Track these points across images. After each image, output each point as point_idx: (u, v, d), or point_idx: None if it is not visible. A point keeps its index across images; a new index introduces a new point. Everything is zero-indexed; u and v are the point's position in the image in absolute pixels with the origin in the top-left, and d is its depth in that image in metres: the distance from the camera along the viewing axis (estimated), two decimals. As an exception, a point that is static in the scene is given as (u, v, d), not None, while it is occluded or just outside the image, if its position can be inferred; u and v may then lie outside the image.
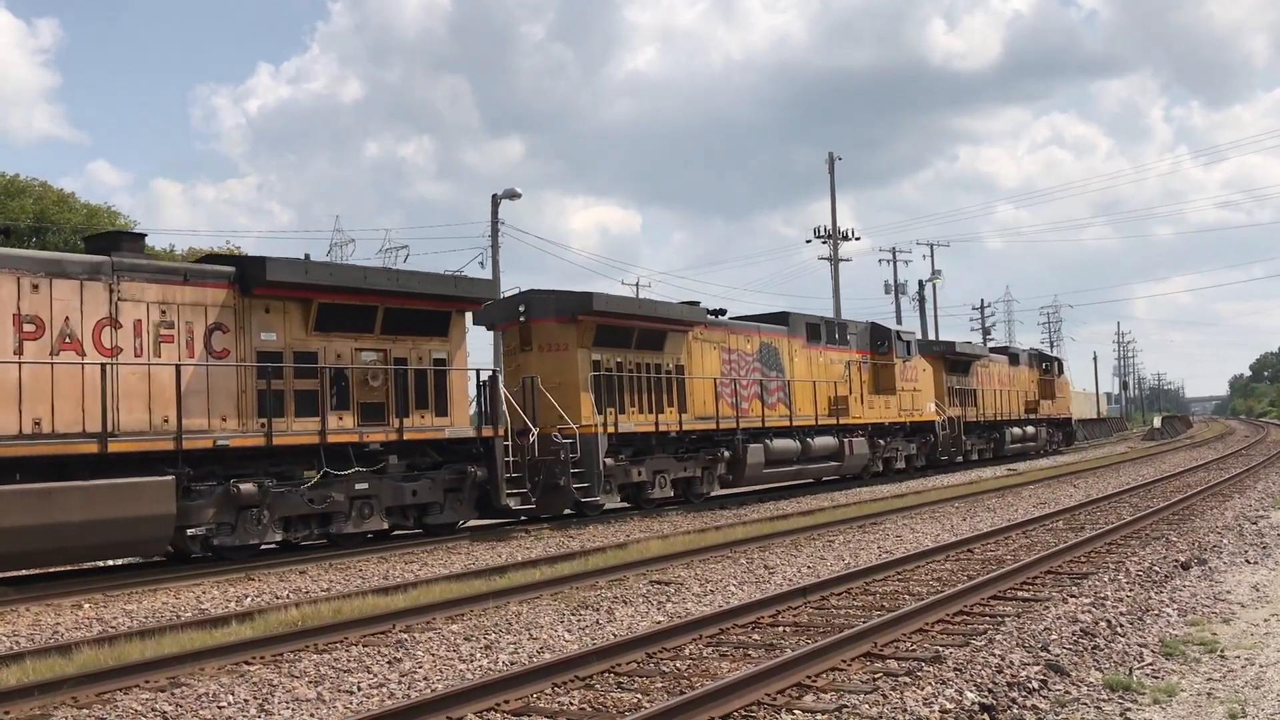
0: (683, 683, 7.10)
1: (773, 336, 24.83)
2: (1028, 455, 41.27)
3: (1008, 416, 39.32)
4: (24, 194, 40.43)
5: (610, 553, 14.06)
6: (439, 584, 11.72)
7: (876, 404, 28.27)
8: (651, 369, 20.92)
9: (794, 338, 25.59)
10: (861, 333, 28.81)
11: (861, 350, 28.38)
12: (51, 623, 10.52)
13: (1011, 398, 40.19)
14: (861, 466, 27.53)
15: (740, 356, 23.40)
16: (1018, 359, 42.69)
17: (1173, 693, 6.63)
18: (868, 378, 28.31)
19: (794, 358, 25.32)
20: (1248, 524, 15.19)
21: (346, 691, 7.26)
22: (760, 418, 23.41)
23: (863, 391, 27.56)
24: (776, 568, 12.61)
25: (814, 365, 26.07)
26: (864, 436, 27.11)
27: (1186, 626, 8.60)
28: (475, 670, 7.79)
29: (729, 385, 22.73)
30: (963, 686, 6.62)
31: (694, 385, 21.86)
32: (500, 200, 35.75)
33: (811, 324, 26.61)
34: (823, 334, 26.88)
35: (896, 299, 61.14)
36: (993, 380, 38.63)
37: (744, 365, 23.46)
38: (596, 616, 9.75)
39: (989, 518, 17.65)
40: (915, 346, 30.79)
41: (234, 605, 11.22)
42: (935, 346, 34.96)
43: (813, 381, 25.67)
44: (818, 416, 25.43)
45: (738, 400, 22.97)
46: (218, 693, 7.27)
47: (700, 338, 22.31)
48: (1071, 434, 50.49)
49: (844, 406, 26.36)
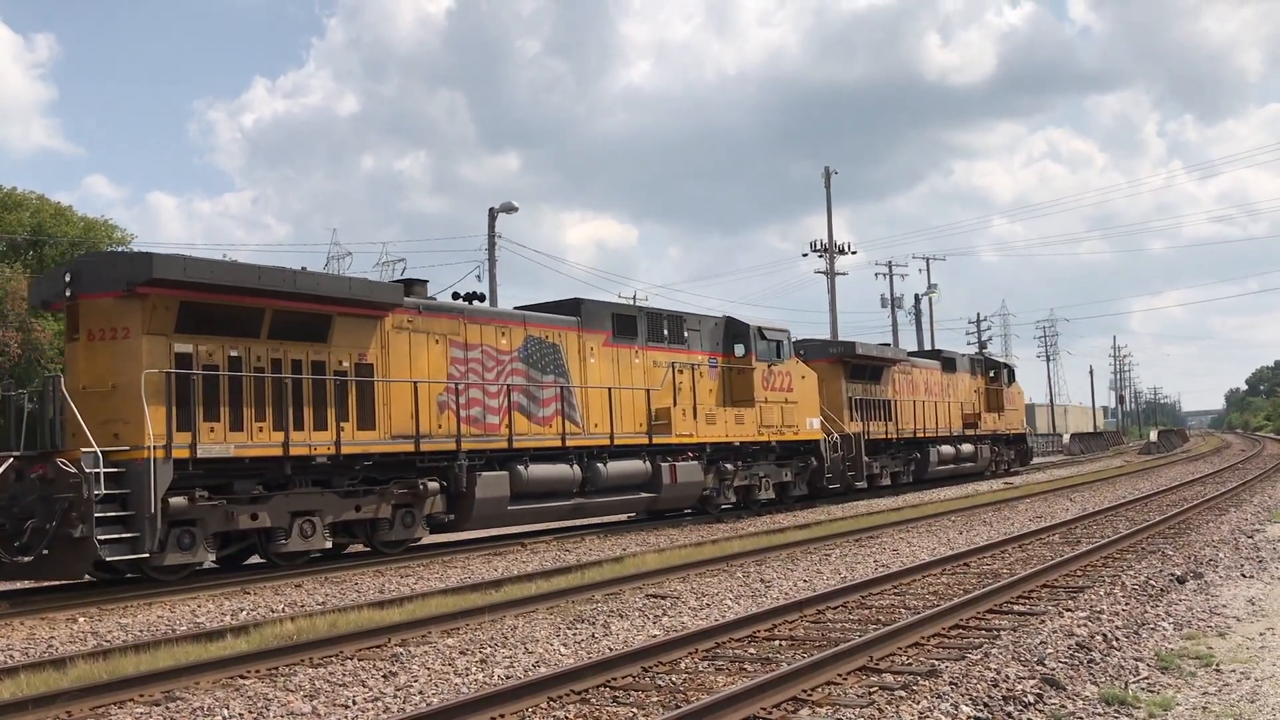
0: (679, 696, 7.10)
1: (549, 330, 19.26)
2: (965, 478, 34.96)
3: (937, 432, 32.86)
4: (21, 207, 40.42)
5: (606, 566, 14.06)
6: (435, 598, 11.71)
7: (724, 419, 22.31)
8: (305, 368, 15.14)
9: (589, 332, 20.05)
10: (711, 329, 23.18)
11: (709, 351, 22.88)
12: (46, 636, 10.49)
13: (944, 410, 33.65)
14: (693, 497, 21.73)
15: (488, 355, 17.99)
16: (953, 365, 36.08)
17: (1169, 707, 6.63)
18: (714, 385, 22.72)
19: (588, 358, 19.86)
20: (1244, 538, 15.20)
21: (341, 706, 7.25)
22: (508, 437, 17.76)
23: (696, 403, 21.61)
24: (773, 581, 12.60)
25: (623, 369, 20.54)
26: (697, 459, 21.40)
27: (1182, 640, 8.60)
28: (471, 684, 7.77)
29: (455, 392, 17.12)
30: (958, 700, 6.62)
31: (390, 392, 16.20)
32: (497, 214, 35.81)
33: (622, 316, 21.21)
34: (641, 329, 21.24)
35: (893, 313, 61.29)
36: (916, 390, 32.45)
37: (493, 366, 18.08)
38: (593, 630, 9.74)
39: (985, 531, 17.65)
40: (788, 347, 24.76)
41: (229, 619, 11.19)
42: (832, 348, 29.42)
43: (608, 389, 19.87)
44: (613, 434, 19.58)
45: (484, 413, 17.68)
46: (212, 706, 7.25)
47: (407, 326, 16.71)
48: (1026, 452, 43.24)
49: (664, 421, 20.68)
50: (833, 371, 28.35)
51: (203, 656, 8.61)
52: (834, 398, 27.87)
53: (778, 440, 24.01)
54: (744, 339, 23.62)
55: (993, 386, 38.52)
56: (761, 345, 23.78)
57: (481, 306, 18.76)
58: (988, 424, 37.16)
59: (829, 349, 29.23)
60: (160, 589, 13.18)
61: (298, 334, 15.22)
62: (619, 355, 20.67)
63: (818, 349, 28.71)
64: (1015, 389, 41.16)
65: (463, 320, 17.88)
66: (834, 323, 50.33)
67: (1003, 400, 38.87)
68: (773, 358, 24.00)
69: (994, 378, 38.89)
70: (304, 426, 14.88)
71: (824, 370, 27.55)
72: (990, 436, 37.42)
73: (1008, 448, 40.04)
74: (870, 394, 29.57)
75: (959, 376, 36.01)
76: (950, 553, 14.25)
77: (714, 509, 22.40)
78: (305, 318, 15.23)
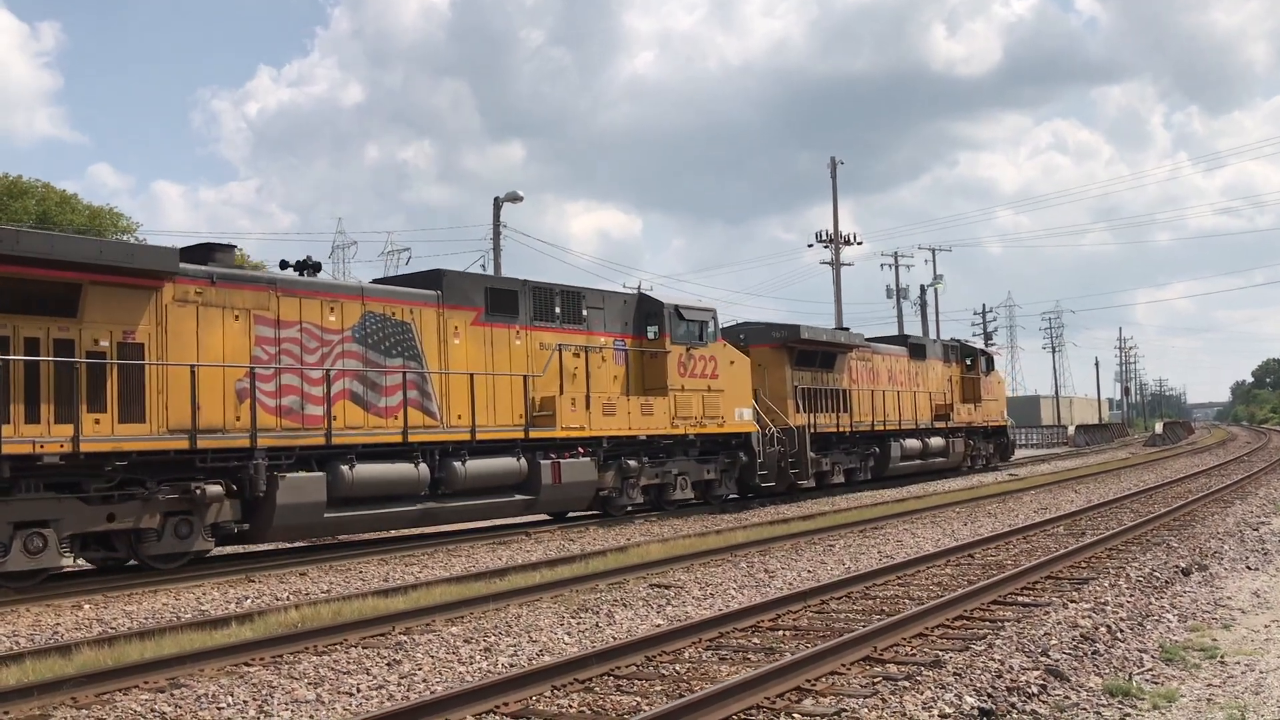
0: (682, 686, 7.10)
1: (396, 305, 16.56)
2: (934, 474, 32.03)
3: (900, 425, 29.90)
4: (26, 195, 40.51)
5: (610, 556, 14.06)
6: (439, 586, 11.72)
7: (626, 409, 19.65)
8: (45, 347, 12.64)
9: (453, 308, 17.31)
10: (619, 308, 20.57)
11: (617, 332, 20.26)
12: (51, 623, 10.52)
13: (911, 400, 30.79)
14: (584, 499, 19.16)
15: (309, 334, 15.23)
16: (922, 351, 32.81)
17: (1173, 698, 6.62)
18: (619, 372, 20.18)
19: (451, 339, 17.19)
20: (1249, 530, 15.18)
21: (346, 693, 7.26)
22: (326, 431, 14.98)
23: (589, 391, 19.00)
24: (777, 571, 12.60)
25: (499, 352, 17.90)
26: (589, 455, 18.83)
27: (1187, 632, 8.59)
28: (475, 673, 7.79)
29: (258, 378, 14.46)
30: (962, 691, 6.62)
31: (167, 377, 13.59)
32: (502, 203, 35.78)
33: (499, 291, 18.35)
34: (524, 306, 18.49)
35: (898, 304, 61.23)
36: (878, 378, 29.60)
37: (317, 347, 15.31)
38: (596, 619, 9.75)
39: (990, 523, 17.64)
40: (713, 329, 22.09)
41: (234, 606, 11.22)
42: (775, 332, 25.85)
43: (470, 374, 17.11)
44: (474, 428, 17.01)
45: (302, 403, 14.89)
46: (217, 694, 7.27)
47: (195, 299, 14.12)
48: (1006, 446, 39.27)
49: (547, 413, 18.23)
50: (776, 358, 25.38)
51: (207, 644, 8.63)
52: (777, 387, 25.03)
53: (698, 433, 21.23)
54: (657, 319, 20.91)
55: (969, 375, 35.29)
56: (678, 326, 21.12)
57: (301, 278, 15.68)
58: (962, 415, 34.14)
59: (771, 333, 25.93)
60: (166, 577, 13.20)
61: (32, 306, 12.55)
62: (493, 336, 17.86)
63: (759, 333, 25.86)
64: (995, 378, 38.24)
65: (274, 293, 15.01)
66: (839, 313, 50.32)
67: (980, 390, 35.67)
68: (693, 340, 21.33)
69: (970, 366, 35.57)
70: (39, 419, 12.38)
71: (766, 357, 25.08)
72: (965, 429, 34.31)
73: (986, 441, 36.78)
74: (821, 383, 26.57)
75: (929, 364, 32.86)
76: (954, 544, 14.25)
77: (616, 511, 19.79)
78: (43, 287, 12.60)
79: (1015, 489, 25.37)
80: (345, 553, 15.40)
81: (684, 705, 6.15)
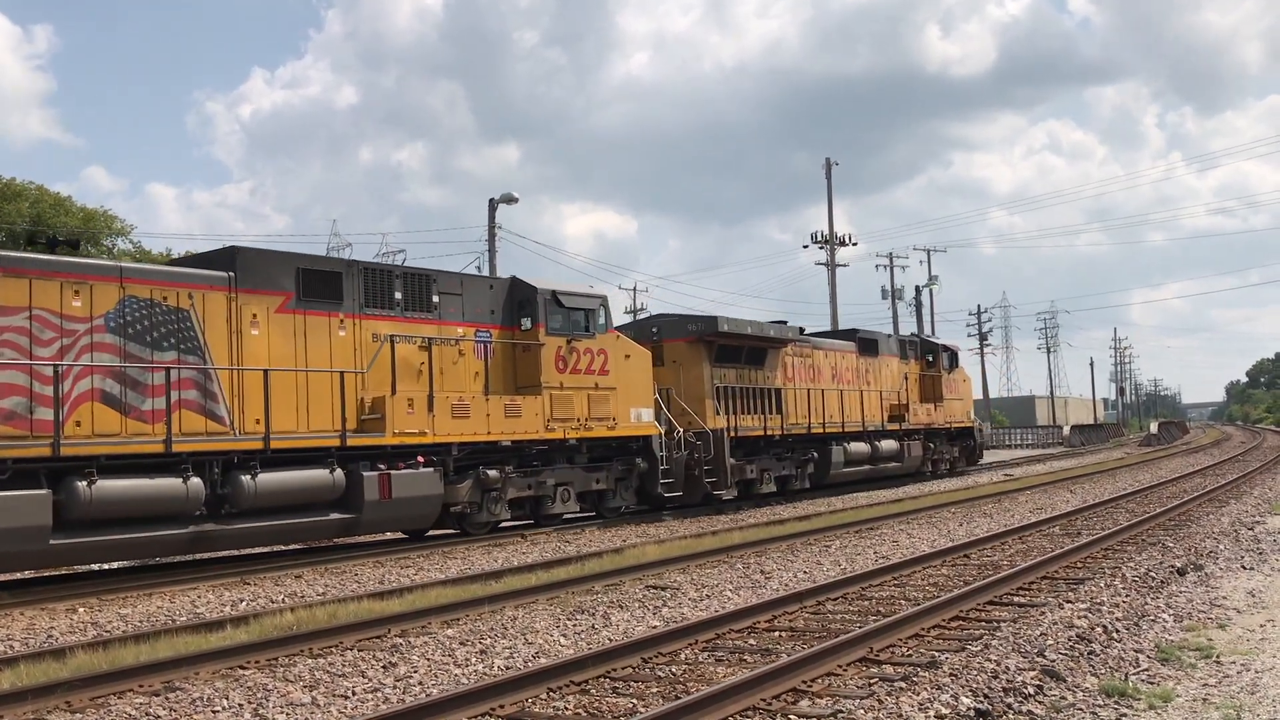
0: (678, 688, 7.09)
1: (167, 288, 13.98)
2: (887, 480, 29.55)
3: (844, 427, 27.11)
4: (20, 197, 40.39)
5: (607, 557, 14.06)
6: (435, 588, 11.71)
7: (484, 411, 16.95)
8: None
9: (250, 292, 14.68)
10: (484, 294, 18.03)
11: (481, 322, 17.80)
12: (46, 626, 10.50)
13: (858, 400, 28.13)
14: (426, 516, 16.43)
15: (43, 322, 12.75)
16: (874, 347, 30.22)
17: (1169, 698, 6.62)
18: (480, 368, 17.58)
19: (248, 329, 14.56)
20: (1244, 530, 15.20)
21: (341, 696, 7.25)
22: (53, 440, 12.36)
23: (433, 390, 16.29)
24: (773, 573, 12.60)
25: (317, 345, 15.28)
26: (438, 465, 16.18)
27: (1183, 632, 8.60)
28: (470, 675, 7.77)
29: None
30: (958, 692, 6.61)
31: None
32: (498, 205, 35.77)
33: (316, 272, 15.52)
34: (352, 291, 15.84)
35: (894, 304, 61.30)
36: (819, 376, 26.96)
37: (53, 339, 12.84)
38: (592, 621, 9.74)
39: (985, 523, 17.65)
40: (603, 319, 19.54)
41: (229, 609, 11.20)
42: (691, 325, 23.15)
43: (265, 370, 14.42)
44: (269, 434, 14.21)
45: (29, 406, 12.44)
46: (212, 697, 7.25)
47: None
48: (973, 449, 36.07)
49: (377, 415, 15.63)
50: (693, 353, 22.78)
51: (202, 647, 8.61)
52: (694, 386, 22.50)
53: (582, 437, 18.77)
54: (530, 307, 18.33)
55: (929, 373, 32.60)
56: (557, 315, 18.56)
57: (30, 255, 13.38)
58: (920, 416, 31.47)
59: (687, 326, 23.27)
60: (160, 579, 13.18)
61: None
62: (308, 326, 15.23)
63: (674, 326, 23.35)
64: (959, 375, 35.19)
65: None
66: (834, 313, 50.38)
67: (941, 388, 32.95)
68: (575, 331, 18.83)
69: (931, 362, 32.86)
70: None
71: (682, 352, 22.71)
72: (923, 431, 31.67)
73: (950, 444, 34.17)
74: (748, 381, 24.00)
75: (882, 361, 30.29)
76: (950, 544, 14.26)
77: (475, 529, 17.21)
78: None
79: (1011, 489, 25.38)
80: (341, 555, 15.38)
81: (680, 707, 6.14)
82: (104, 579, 13.57)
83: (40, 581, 13.67)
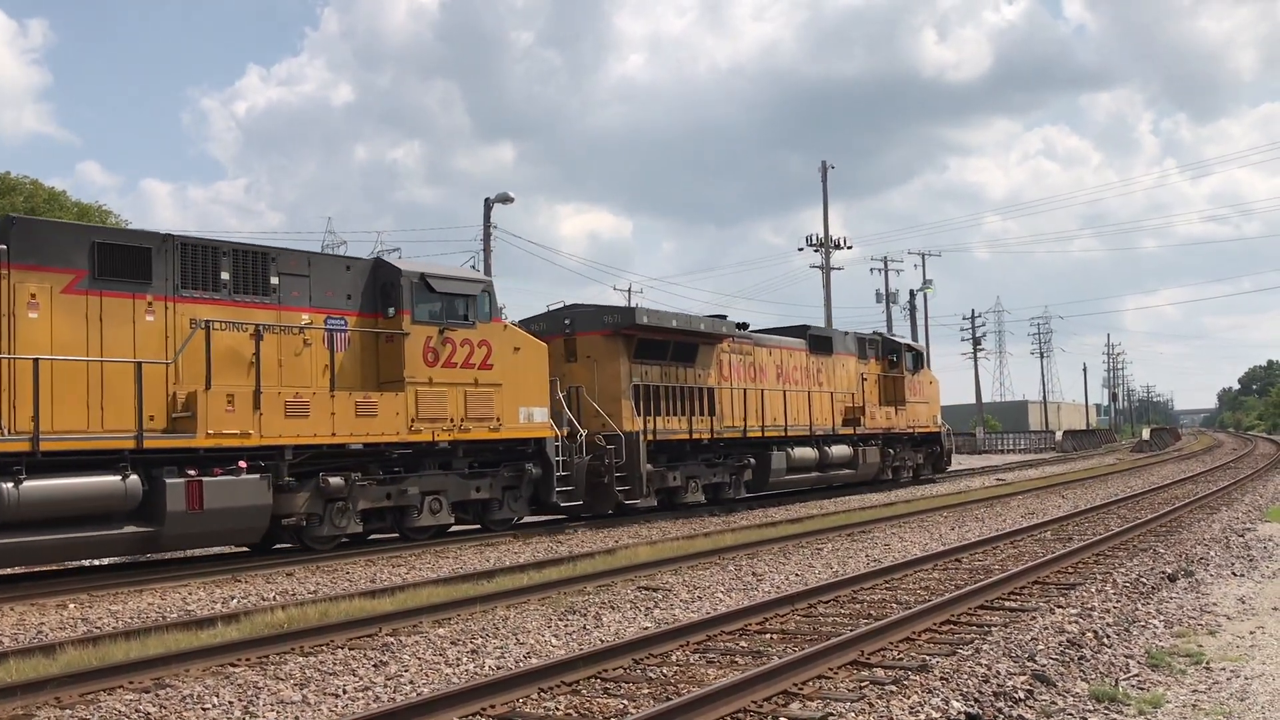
0: (669, 689, 7.09)
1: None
2: (840, 489, 27.93)
3: (789, 431, 25.09)
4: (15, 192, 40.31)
5: (599, 558, 14.05)
6: (426, 588, 11.70)
7: (329, 409, 14.95)
8: None
9: (28, 269, 12.91)
10: (341, 276, 15.97)
11: (337, 308, 15.78)
12: (36, 622, 10.47)
13: (806, 402, 26.03)
14: (248, 530, 14.38)
15: None
16: (827, 345, 28.00)
17: (1159, 704, 6.64)
18: (329, 360, 15.47)
19: (25, 313, 12.79)
20: (1235, 536, 15.24)
21: (332, 694, 7.24)
22: None
23: (259, 386, 14.30)
24: (765, 575, 12.61)
25: (111, 331, 13.46)
26: (261, 471, 14.13)
27: (1173, 638, 8.62)
28: (461, 674, 7.77)
29: None
30: (949, 696, 6.62)
31: None
32: (493, 204, 35.75)
33: (115, 248, 13.62)
34: (165, 269, 13.99)
35: (888, 308, 61.39)
36: (761, 375, 24.80)
37: None
38: (584, 622, 9.74)
39: (977, 527, 17.68)
40: (487, 306, 17.33)
41: (220, 606, 11.18)
42: (607, 317, 20.96)
43: (35, 359, 12.44)
44: (37, 436, 12.27)
45: None
46: (202, 694, 7.24)
47: None
48: (939, 455, 33.67)
49: (188, 414, 13.79)
50: (609, 348, 20.74)
51: (193, 644, 8.59)
52: (609, 384, 20.53)
53: (456, 440, 16.69)
54: (394, 292, 16.20)
55: (891, 374, 30.39)
56: (426, 301, 16.43)
57: None
58: (878, 420, 29.31)
59: (603, 318, 21.04)
60: (151, 576, 13.16)
61: None
62: (104, 309, 13.40)
63: (588, 318, 21.18)
64: (925, 376, 32.78)
65: None
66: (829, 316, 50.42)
67: (904, 390, 30.70)
68: (451, 320, 16.69)
69: (894, 363, 30.64)
70: None
71: (597, 347, 20.77)
72: (882, 435, 29.65)
73: (914, 450, 32.06)
74: (676, 379, 21.89)
75: (837, 360, 28.10)
76: (942, 548, 14.27)
77: (317, 543, 15.21)
78: None
79: (1003, 494, 25.42)
80: (333, 554, 15.36)
81: (671, 708, 6.14)
82: (95, 575, 13.53)
83: (30, 577, 13.64)
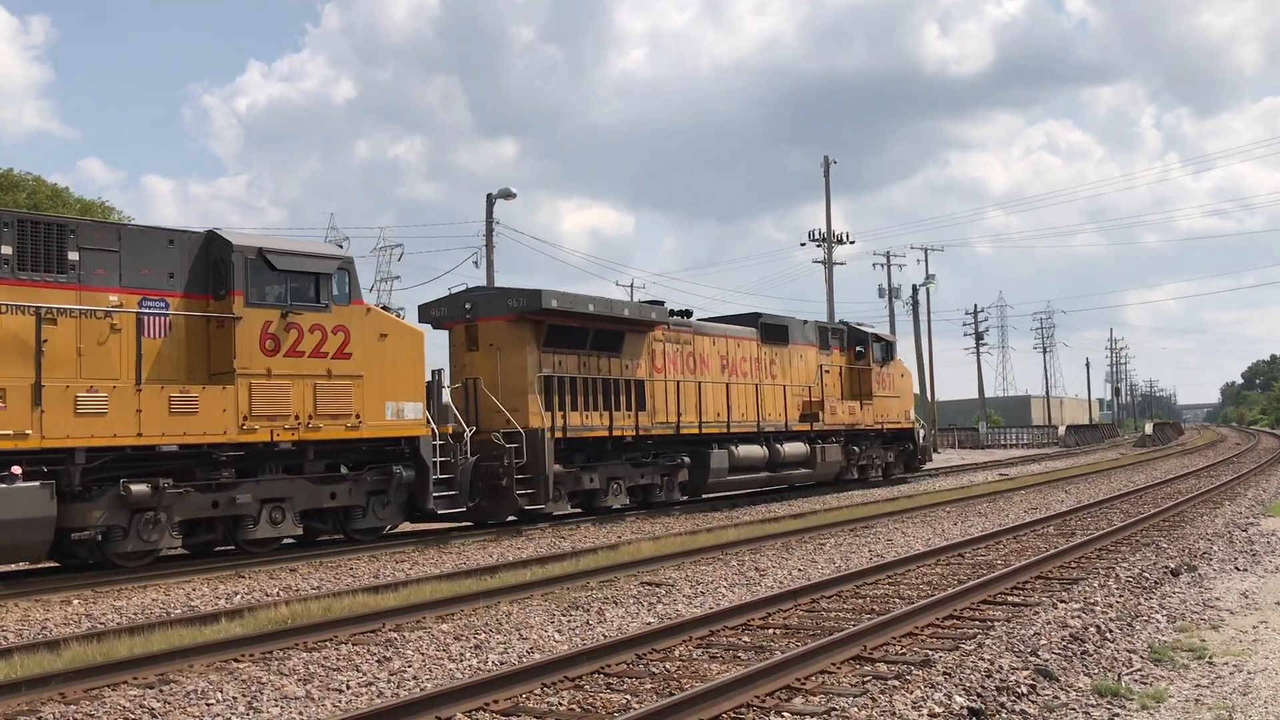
0: (672, 684, 7.10)
1: None
2: (794, 491, 25.79)
3: (736, 426, 22.72)
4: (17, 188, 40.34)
5: (602, 554, 14.06)
6: (429, 583, 11.71)
7: (133, 406, 12.89)
8: None
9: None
10: (161, 251, 13.93)
11: (157, 288, 13.78)
12: (40, 618, 10.49)
13: (754, 395, 23.60)
14: (30, 547, 12.18)
15: None
16: (783, 334, 25.24)
17: (1161, 699, 6.64)
18: (149, 348, 13.49)
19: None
20: (1238, 531, 15.24)
21: (335, 690, 7.25)
22: None
23: (40, 379, 12.25)
24: (768, 570, 12.61)
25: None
26: (41, 479, 12.03)
27: (1176, 633, 8.62)
28: (465, 670, 7.78)
29: None
30: (952, 690, 6.63)
31: None
32: (495, 200, 35.75)
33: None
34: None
35: (890, 303, 61.33)
36: (703, 366, 22.32)
37: None
38: (587, 617, 9.75)
39: (980, 522, 17.68)
40: (346, 287, 15.21)
41: (224, 602, 11.20)
42: (512, 301, 18.65)
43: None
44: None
45: None
46: (206, 690, 7.26)
47: None
48: (913, 453, 31.04)
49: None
50: (514, 336, 18.65)
51: (197, 640, 8.61)
52: (514, 376, 18.46)
53: (303, 440, 14.60)
54: (225, 269, 14.15)
55: (857, 366, 27.97)
56: (264, 280, 14.34)
57: None
58: (840, 415, 26.66)
59: (508, 302, 18.73)
60: (156, 572, 13.17)
61: None
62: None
63: (491, 302, 19.03)
64: (896, 369, 30.17)
65: None
66: (830, 311, 50.40)
67: (871, 384, 28.23)
68: (297, 303, 14.57)
69: (861, 354, 28.17)
70: None
71: (500, 334, 18.72)
72: (844, 432, 27.04)
73: (885, 448, 29.53)
74: (597, 371, 19.84)
75: (794, 351, 25.45)
76: (945, 543, 14.28)
77: (122, 560, 13.19)
78: None
79: (1005, 489, 25.41)
80: (335, 549, 15.37)
81: (674, 703, 6.15)
82: (99, 572, 13.55)
83: (34, 573, 13.66)
